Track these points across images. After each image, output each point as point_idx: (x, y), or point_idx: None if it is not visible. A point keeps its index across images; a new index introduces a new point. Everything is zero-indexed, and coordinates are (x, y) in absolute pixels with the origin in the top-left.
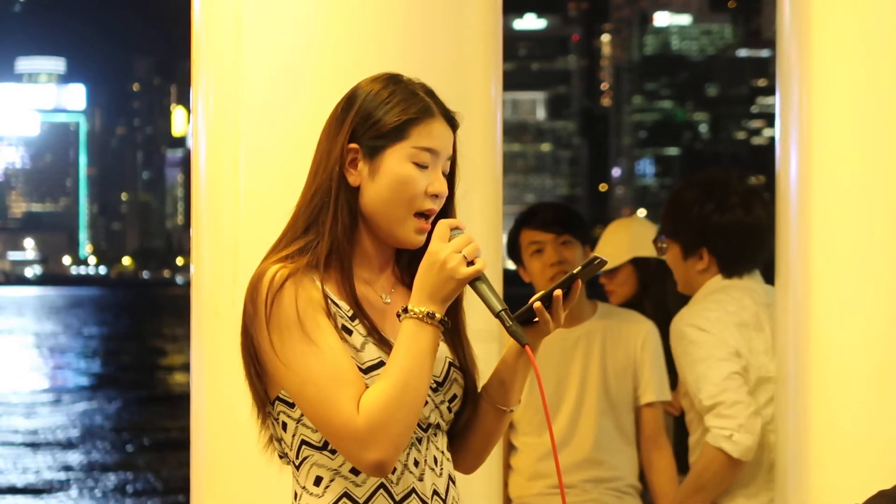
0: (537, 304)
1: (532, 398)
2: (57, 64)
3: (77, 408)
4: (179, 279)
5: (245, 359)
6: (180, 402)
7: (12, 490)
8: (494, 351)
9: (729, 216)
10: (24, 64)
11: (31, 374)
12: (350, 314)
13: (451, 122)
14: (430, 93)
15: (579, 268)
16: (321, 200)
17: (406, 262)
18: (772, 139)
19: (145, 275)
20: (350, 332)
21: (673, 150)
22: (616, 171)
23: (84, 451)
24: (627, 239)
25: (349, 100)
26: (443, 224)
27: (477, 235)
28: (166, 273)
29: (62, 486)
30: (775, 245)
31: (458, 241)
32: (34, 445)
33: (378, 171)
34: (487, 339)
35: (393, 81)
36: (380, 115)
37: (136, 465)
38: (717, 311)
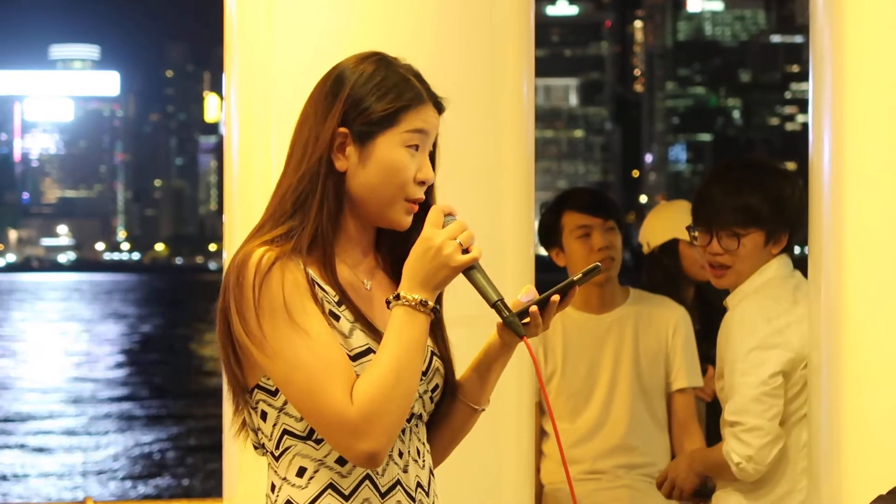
0: (534, 309)
1: (564, 384)
2: (91, 50)
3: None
4: (212, 265)
5: (223, 344)
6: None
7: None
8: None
9: (801, 195)
10: (58, 50)
11: (69, 362)
12: (336, 300)
13: (439, 106)
14: (419, 77)
15: (580, 275)
16: (308, 185)
17: (387, 247)
18: (805, 125)
19: (178, 261)
20: (337, 318)
21: (705, 137)
22: (648, 158)
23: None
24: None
25: (337, 82)
26: (436, 210)
27: (509, 221)
28: (199, 259)
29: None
30: (808, 233)
31: (453, 227)
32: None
33: (369, 157)
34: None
35: (384, 65)
36: (372, 100)
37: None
38: (775, 308)
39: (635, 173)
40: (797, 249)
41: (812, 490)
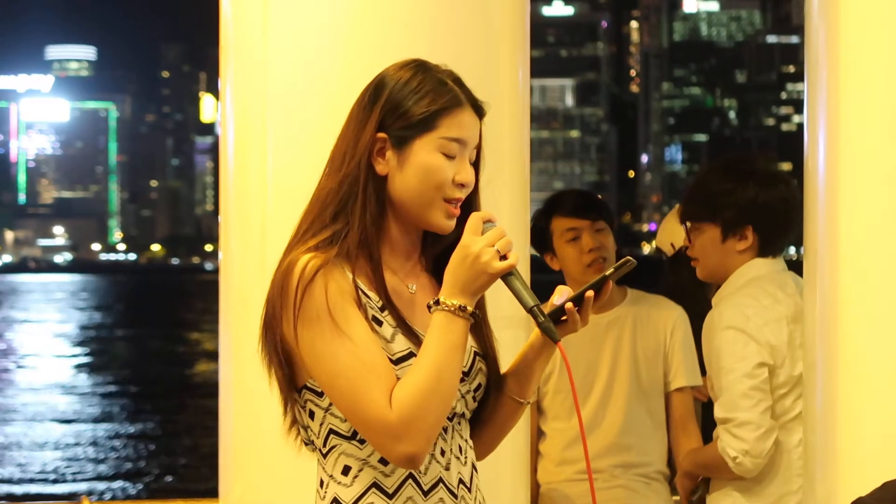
0: (569, 305)
1: (562, 383)
2: (87, 51)
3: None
4: (209, 265)
5: (268, 348)
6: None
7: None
8: (520, 338)
9: (772, 193)
10: (54, 51)
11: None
12: (380, 305)
13: (479, 110)
14: (458, 81)
15: (612, 269)
16: (349, 189)
17: (431, 251)
18: (801, 125)
19: (175, 261)
20: (380, 324)
21: (701, 137)
22: (644, 158)
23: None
24: None
25: (376, 88)
26: (476, 217)
27: (504, 222)
28: (195, 259)
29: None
30: (803, 232)
31: (492, 234)
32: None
33: (406, 161)
34: (513, 325)
35: (421, 70)
36: (409, 105)
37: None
38: (754, 306)
39: (631, 174)
40: (792, 250)
41: (807, 490)
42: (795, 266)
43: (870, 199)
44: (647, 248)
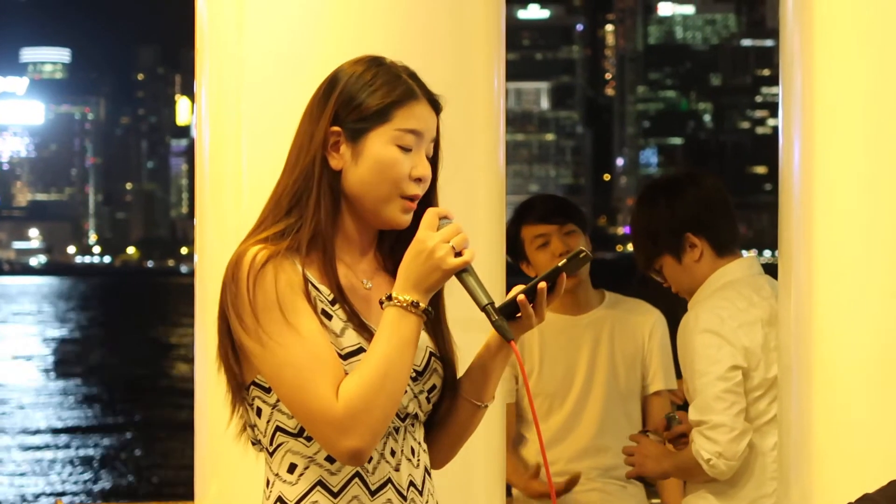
0: (521, 298)
1: (540, 386)
2: (61, 54)
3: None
4: (184, 268)
5: (222, 342)
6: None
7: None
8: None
9: (685, 197)
10: (28, 54)
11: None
12: (330, 299)
13: (435, 104)
14: (413, 75)
15: (564, 261)
16: (304, 184)
17: (388, 247)
18: (776, 129)
19: (150, 264)
20: (330, 317)
21: (676, 140)
22: (620, 161)
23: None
24: None
25: (331, 83)
26: (431, 212)
27: (480, 225)
28: (171, 262)
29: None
30: (778, 236)
31: (447, 230)
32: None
33: (361, 154)
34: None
35: (375, 64)
36: (362, 97)
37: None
38: (729, 308)
39: (606, 177)
40: (767, 253)
41: (782, 493)
42: (771, 269)
43: (844, 202)
44: (622, 251)
